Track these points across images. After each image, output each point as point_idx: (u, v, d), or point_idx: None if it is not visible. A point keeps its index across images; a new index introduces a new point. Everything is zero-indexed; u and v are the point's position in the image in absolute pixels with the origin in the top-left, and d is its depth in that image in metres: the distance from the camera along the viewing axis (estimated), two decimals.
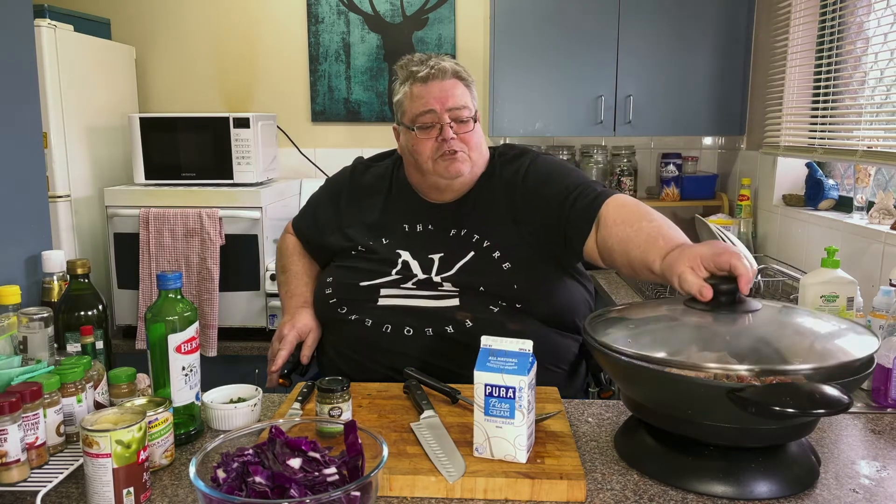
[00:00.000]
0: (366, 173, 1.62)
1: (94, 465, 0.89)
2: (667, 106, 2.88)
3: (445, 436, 1.06)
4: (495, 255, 1.42)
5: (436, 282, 1.41)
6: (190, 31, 3.23)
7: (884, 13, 2.16)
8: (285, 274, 1.64)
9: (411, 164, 1.51)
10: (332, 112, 3.24)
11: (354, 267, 1.48)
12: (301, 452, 0.82)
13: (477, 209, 1.48)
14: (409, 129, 1.46)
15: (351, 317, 1.42)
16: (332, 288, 1.48)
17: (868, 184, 2.26)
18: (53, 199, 2.53)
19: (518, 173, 1.49)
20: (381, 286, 1.43)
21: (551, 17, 2.82)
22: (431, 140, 1.44)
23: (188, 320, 1.09)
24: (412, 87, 1.45)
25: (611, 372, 1.03)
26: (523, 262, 1.41)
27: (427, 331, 1.36)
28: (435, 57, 1.47)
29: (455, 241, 1.46)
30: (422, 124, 1.44)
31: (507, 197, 1.47)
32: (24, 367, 1.04)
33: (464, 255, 1.43)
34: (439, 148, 1.43)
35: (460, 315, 1.37)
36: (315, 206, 1.66)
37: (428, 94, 1.43)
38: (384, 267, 1.45)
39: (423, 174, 1.48)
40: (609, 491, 0.96)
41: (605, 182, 3.11)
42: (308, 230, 1.65)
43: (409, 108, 1.46)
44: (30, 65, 1.58)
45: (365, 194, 1.58)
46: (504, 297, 1.38)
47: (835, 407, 0.84)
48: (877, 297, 1.42)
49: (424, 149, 1.44)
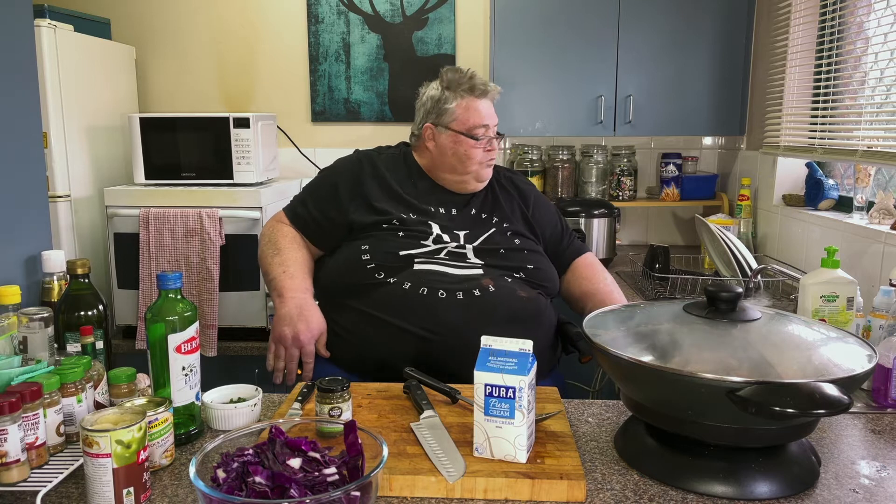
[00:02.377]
0: (378, 157, 1.78)
1: (94, 465, 0.89)
2: (667, 106, 2.88)
3: (445, 436, 1.06)
4: (508, 233, 1.70)
5: (464, 253, 1.63)
6: (190, 31, 3.23)
7: (884, 13, 2.16)
8: (280, 255, 1.67)
9: (446, 162, 1.73)
10: (332, 112, 3.24)
11: (391, 237, 1.62)
12: (301, 452, 0.82)
13: (492, 200, 1.77)
14: (461, 135, 1.70)
15: (390, 279, 1.54)
16: (370, 254, 1.59)
17: (868, 184, 2.26)
18: (53, 199, 2.53)
19: (531, 190, 1.86)
20: (417, 256, 1.59)
21: (551, 17, 2.82)
22: (481, 149, 1.71)
23: (188, 320, 1.09)
24: (468, 99, 1.71)
25: (611, 372, 1.04)
26: (529, 241, 1.73)
27: (458, 294, 1.52)
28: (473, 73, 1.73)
29: (476, 220, 1.72)
30: (476, 135, 1.70)
31: (522, 201, 1.80)
32: (24, 367, 1.04)
33: (485, 231, 1.69)
34: (485, 156, 1.72)
35: (485, 282, 1.56)
36: (332, 186, 1.73)
37: (483, 110, 1.72)
38: (420, 237, 1.63)
39: (459, 173, 1.73)
40: (609, 491, 0.96)
41: (605, 181, 3.12)
42: (322, 212, 1.71)
43: (462, 116, 1.70)
44: (30, 65, 1.58)
45: (384, 172, 1.73)
46: (517, 267, 1.63)
47: (835, 407, 0.84)
48: (877, 297, 1.42)
49: (475, 155, 1.70)
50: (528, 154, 3.14)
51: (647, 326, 1.08)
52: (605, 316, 1.14)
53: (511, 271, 1.61)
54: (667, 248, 2.46)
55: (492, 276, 1.58)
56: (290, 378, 1.53)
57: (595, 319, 1.11)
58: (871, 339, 1.42)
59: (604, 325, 1.09)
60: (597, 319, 1.12)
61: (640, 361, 0.94)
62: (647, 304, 1.21)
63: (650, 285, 2.38)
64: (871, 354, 0.97)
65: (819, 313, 1.46)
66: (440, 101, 1.73)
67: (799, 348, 1.00)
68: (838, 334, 1.05)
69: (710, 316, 1.03)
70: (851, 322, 1.46)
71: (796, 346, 1.01)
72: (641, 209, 3.29)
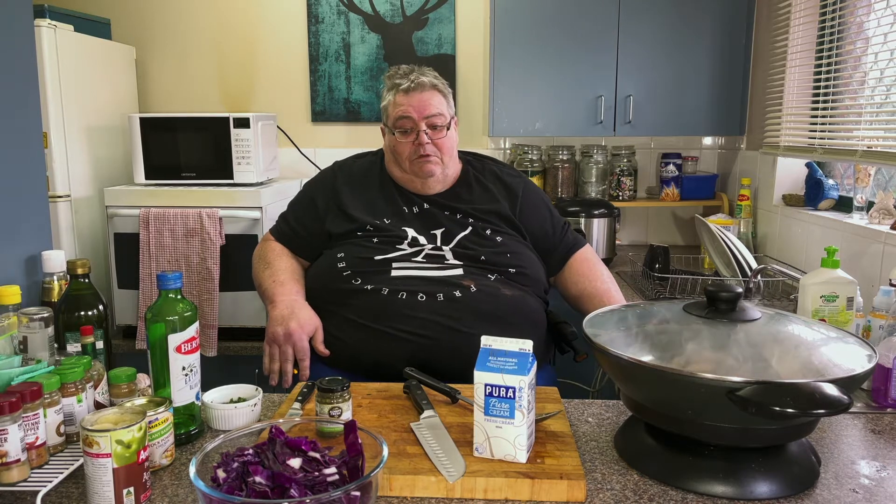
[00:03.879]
0: (353, 165, 1.80)
1: (94, 465, 0.89)
2: (667, 106, 2.88)
3: (445, 436, 1.07)
4: (487, 231, 1.67)
5: (441, 254, 1.61)
6: (190, 31, 3.23)
7: (884, 13, 2.16)
8: (270, 268, 1.70)
9: (392, 161, 1.74)
10: (332, 112, 3.24)
11: (365, 243, 1.62)
12: (301, 452, 0.82)
13: (467, 197, 1.73)
14: (390, 131, 1.70)
15: (367, 286, 1.54)
16: (345, 262, 1.60)
17: (868, 184, 2.26)
18: (53, 199, 2.53)
19: (519, 183, 1.79)
20: (394, 260, 1.59)
21: (551, 18, 2.82)
22: (409, 143, 1.67)
23: (188, 320, 1.09)
24: (395, 97, 1.69)
25: (611, 372, 1.04)
26: (511, 238, 1.68)
27: (438, 296, 1.51)
28: (417, 70, 1.71)
29: (451, 220, 1.68)
30: (401, 128, 1.68)
31: (508, 195, 1.75)
32: (24, 367, 1.04)
33: (461, 231, 1.66)
34: (416, 151, 1.66)
35: (466, 282, 1.55)
36: (311, 198, 1.77)
37: (408, 104, 1.67)
38: (395, 241, 1.62)
39: (403, 171, 1.72)
40: (609, 491, 0.96)
41: (605, 181, 3.12)
42: (302, 225, 1.75)
43: (391, 112, 1.70)
44: (30, 65, 1.58)
45: (358, 180, 1.76)
46: (499, 266, 1.61)
47: (835, 407, 0.84)
48: (877, 297, 1.42)
49: (403, 150, 1.68)
50: (528, 154, 3.14)
51: (646, 326, 1.08)
52: (604, 316, 1.14)
53: (492, 272, 1.59)
54: (667, 248, 2.46)
55: (472, 277, 1.56)
56: (286, 378, 1.52)
57: (595, 319, 1.11)
58: (871, 339, 1.42)
59: (604, 325, 1.09)
60: (596, 319, 1.12)
61: (640, 361, 0.94)
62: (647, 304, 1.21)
63: (650, 285, 2.38)
64: (871, 354, 0.97)
65: (819, 313, 1.46)
66: (382, 100, 1.75)
67: (799, 348, 1.00)
68: (838, 334, 1.05)
69: (710, 316, 1.03)
70: (851, 322, 1.46)
71: (796, 346, 1.01)
72: (641, 209, 3.29)
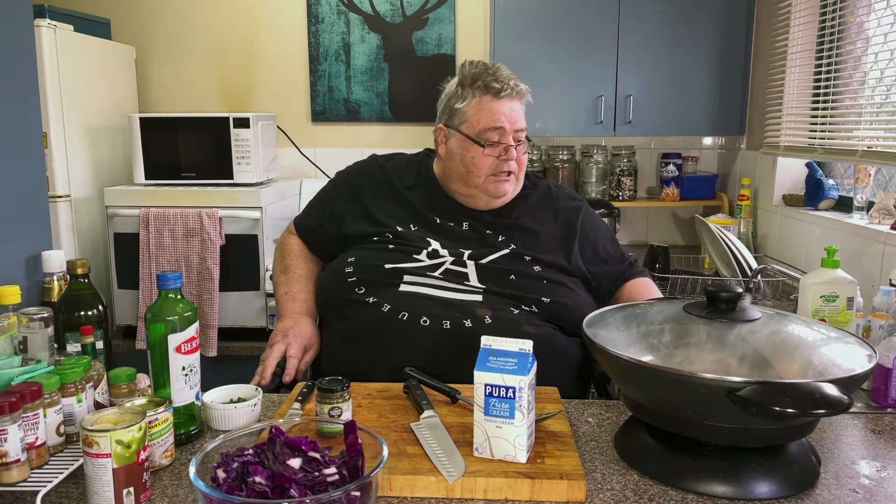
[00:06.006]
0: (387, 164, 1.61)
1: (94, 465, 0.89)
2: (667, 106, 2.88)
3: (445, 436, 1.06)
4: (527, 258, 1.45)
5: (464, 272, 1.41)
6: (190, 31, 3.23)
7: (884, 13, 2.16)
8: (286, 275, 1.59)
9: (454, 170, 1.50)
10: (332, 112, 3.24)
11: (380, 249, 1.44)
12: (301, 452, 0.82)
13: (518, 222, 1.51)
14: (468, 139, 1.46)
15: (369, 299, 1.37)
16: (354, 267, 1.43)
17: (868, 184, 2.26)
18: (53, 199, 2.53)
19: (577, 215, 1.56)
20: (406, 271, 1.40)
21: (551, 17, 2.82)
22: (493, 157, 1.46)
23: (188, 320, 1.09)
24: (483, 99, 1.46)
25: (611, 372, 1.04)
26: (553, 271, 1.45)
27: (445, 323, 1.32)
28: (507, 70, 1.49)
29: (490, 240, 1.47)
30: (488, 140, 1.45)
31: (564, 228, 1.53)
32: (24, 367, 1.04)
33: (495, 252, 1.45)
34: (498, 166, 1.46)
35: (481, 311, 1.34)
36: (332, 197, 1.62)
37: (499, 111, 1.45)
38: (412, 251, 1.43)
39: (468, 185, 1.49)
40: (609, 491, 0.96)
41: (605, 181, 3.12)
42: (320, 223, 1.60)
43: (473, 118, 1.46)
44: (30, 65, 1.58)
45: (391, 183, 1.57)
46: (528, 294, 1.39)
47: (835, 407, 0.84)
48: (877, 297, 1.42)
49: (484, 164, 1.45)
50: (528, 154, 3.13)
51: (647, 326, 1.08)
52: (604, 316, 1.14)
53: (519, 301, 1.37)
54: (667, 248, 2.46)
55: (492, 306, 1.35)
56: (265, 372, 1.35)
57: (595, 319, 1.11)
58: (871, 339, 1.42)
59: (604, 325, 1.09)
60: (597, 319, 1.12)
61: (640, 361, 0.94)
62: (647, 304, 1.21)
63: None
64: (871, 354, 0.97)
65: (819, 313, 1.46)
66: (452, 98, 1.51)
67: (799, 348, 1.00)
68: (838, 334, 1.04)
69: (710, 316, 1.03)
70: (851, 322, 1.46)
71: (796, 346, 1.01)
72: (641, 209, 3.29)
